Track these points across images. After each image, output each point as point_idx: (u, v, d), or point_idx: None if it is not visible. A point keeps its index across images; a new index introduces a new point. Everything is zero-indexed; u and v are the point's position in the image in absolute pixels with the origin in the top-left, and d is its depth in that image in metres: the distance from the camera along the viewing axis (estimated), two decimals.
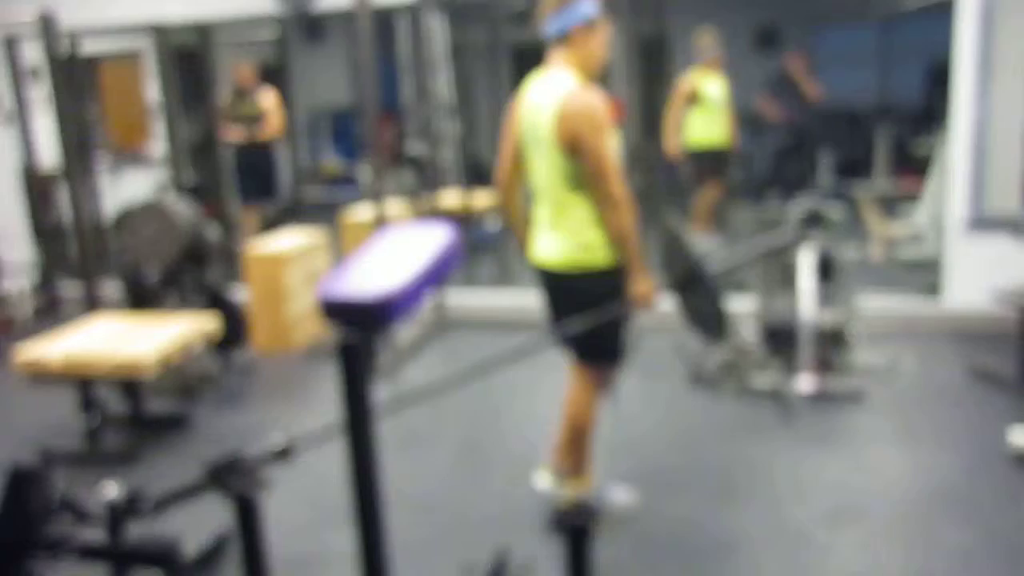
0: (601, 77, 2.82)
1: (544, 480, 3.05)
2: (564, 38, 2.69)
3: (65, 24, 5.38)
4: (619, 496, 3.06)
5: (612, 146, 2.63)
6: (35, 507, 2.41)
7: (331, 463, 2.36)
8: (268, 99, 6.84)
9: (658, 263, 3.04)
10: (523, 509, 3.08)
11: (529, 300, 3.70)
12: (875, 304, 4.76)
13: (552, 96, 2.64)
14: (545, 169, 2.71)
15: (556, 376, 3.10)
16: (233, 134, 6.85)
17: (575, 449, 2.94)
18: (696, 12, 7.54)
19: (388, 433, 2.09)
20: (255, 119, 6.77)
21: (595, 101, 2.61)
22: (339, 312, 1.75)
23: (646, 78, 7.52)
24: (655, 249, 2.93)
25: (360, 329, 1.74)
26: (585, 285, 2.73)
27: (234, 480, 2.02)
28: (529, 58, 9.89)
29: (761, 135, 8.24)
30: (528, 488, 3.15)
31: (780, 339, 4.10)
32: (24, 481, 2.23)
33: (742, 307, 4.35)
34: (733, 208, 7.55)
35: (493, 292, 5.71)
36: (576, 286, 2.75)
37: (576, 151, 2.61)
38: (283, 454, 1.93)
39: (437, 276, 1.92)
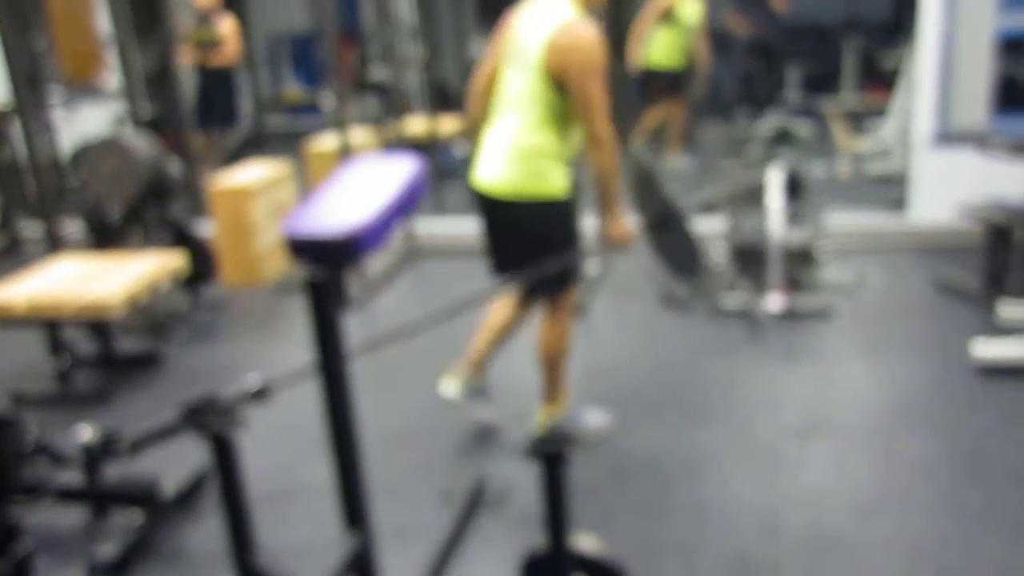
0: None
1: (450, 387, 3.06)
2: None
3: None
4: (593, 418, 3.11)
5: (602, 84, 2.57)
6: (9, 452, 2.40)
7: (306, 398, 2.36)
8: (227, 24, 6.66)
9: (630, 200, 3.02)
10: (500, 436, 3.12)
11: None
12: (842, 221, 4.79)
13: (548, 22, 2.57)
14: (520, 92, 2.65)
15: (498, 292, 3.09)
16: (190, 58, 6.70)
17: (550, 375, 2.97)
18: None
19: (360, 368, 2.09)
20: (213, 44, 6.60)
21: (592, 37, 2.55)
22: (306, 249, 1.73)
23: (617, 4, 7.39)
24: (625, 179, 2.91)
25: (328, 265, 1.73)
26: (530, 213, 2.71)
27: (210, 420, 2.02)
28: None
29: (729, 52, 8.15)
30: (504, 415, 3.19)
31: (749, 259, 4.13)
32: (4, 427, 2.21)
33: (711, 227, 4.36)
34: (701, 126, 7.52)
35: (462, 219, 5.67)
36: (520, 213, 2.72)
37: (563, 84, 2.56)
38: (259, 395, 1.92)
39: (404, 209, 1.90)
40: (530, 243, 2.71)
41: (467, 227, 5.45)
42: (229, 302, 4.69)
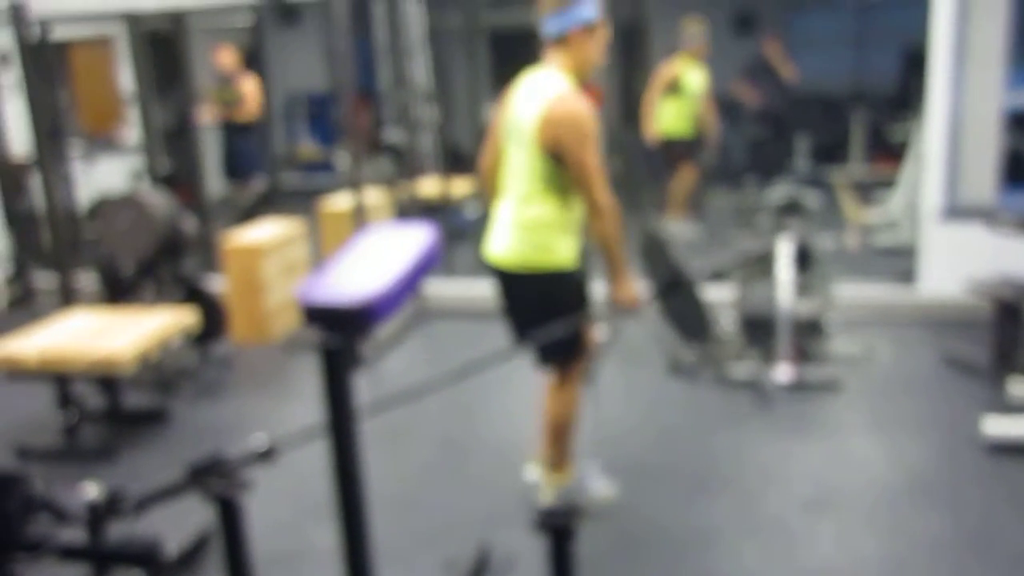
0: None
1: (533, 472, 3.07)
2: (562, 39, 2.66)
3: (35, 11, 5.30)
4: (599, 487, 3.09)
5: (596, 153, 2.62)
6: (14, 508, 2.39)
7: (312, 459, 2.36)
8: (248, 84, 6.84)
9: (639, 265, 3.06)
10: (505, 504, 3.10)
11: None
12: (851, 292, 4.80)
13: (540, 96, 2.63)
14: (520, 166, 2.71)
15: (532, 368, 3.10)
16: (213, 116, 6.96)
17: (557, 444, 2.96)
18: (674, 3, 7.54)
19: (367, 428, 2.09)
20: (235, 102, 6.80)
21: (582, 108, 2.59)
22: (321, 316, 1.75)
23: (625, 64, 7.53)
24: (635, 246, 2.95)
25: (342, 333, 1.74)
26: (538, 284, 2.74)
27: (216, 481, 2.02)
28: (506, 43, 9.85)
29: (738, 120, 8.27)
30: (509, 482, 3.17)
31: (758, 328, 4.14)
32: (3, 484, 2.21)
33: (720, 296, 4.38)
34: (710, 194, 7.59)
35: (472, 281, 5.70)
36: (529, 285, 2.74)
37: (559, 157, 2.61)
38: (265, 455, 1.92)
39: (417, 277, 1.93)
40: (540, 313, 2.73)
41: (476, 289, 5.50)
42: (238, 359, 4.70)
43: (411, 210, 6.25)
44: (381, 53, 8.01)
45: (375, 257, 1.87)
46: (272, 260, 4.94)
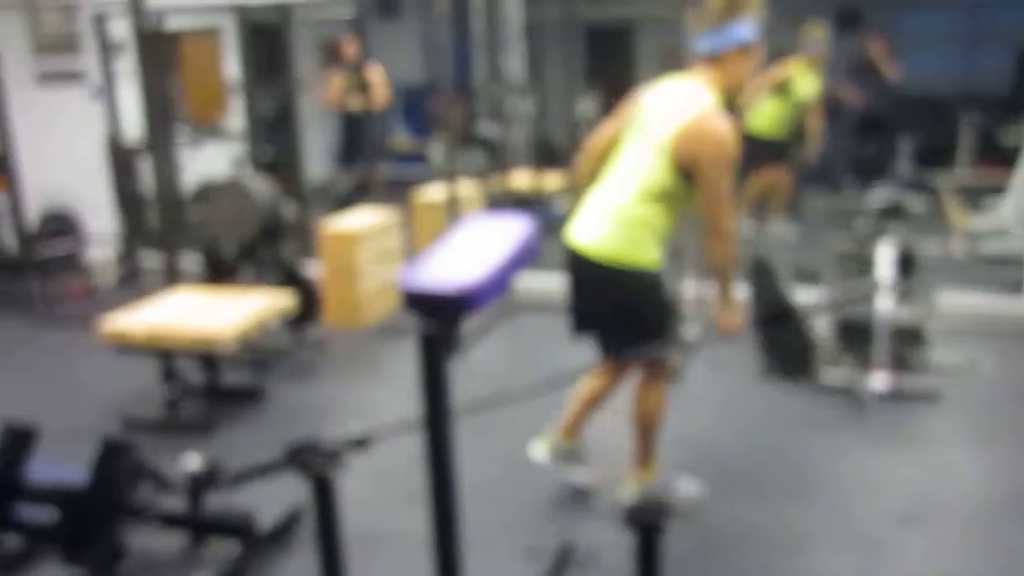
0: (678, 56, 2.78)
1: (540, 451, 3.07)
2: (715, 57, 2.64)
3: (152, 2, 5.52)
4: (685, 488, 3.06)
5: (730, 177, 2.58)
6: (123, 475, 2.51)
7: (403, 442, 2.41)
8: (375, 73, 7.07)
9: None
10: (588, 497, 3.10)
11: None
12: (955, 301, 4.62)
13: (683, 106, 2.60)
14: (637, 165, 2.67)
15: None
16: (338, 102, 7.29)
17: (643, 440, 2.95)
18: None
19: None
20: (364, 89, 7.02)
21: (726, 131, 2.56)
22: (421, 302, 1.78)
23: None
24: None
25: (441, 320, 1.77)
26: (623, 279, 2.71)
27: (312, 461, 2.08)
28: (601, 37, 9.78)
29: (839, 120, 8.04)
30: (595, 477, 3.17)
31: (855, 334, 4.02)
32: (114, 452, 2.32)
33: (815, 299, 4.27)
34: (807, 195, 7.40)
35: (559, 275, 5.70)
36: (614, 277, 2.72)
37: (688, 171, 2.58)
38: (361, 443, 1.97)
39: (516, 267, 1.94)
40: (619, 308, 2.73)
41: (564, 283, 5.50)
42: (330, 342, 4.81)
43: (502, 202, 6.29)
44: (477, 47, 8.07)
45: (475, 246, 1.89)
46: (366, 247, 5.04)
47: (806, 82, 6.33)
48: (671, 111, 2.62)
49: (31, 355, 4.98)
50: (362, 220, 5.19)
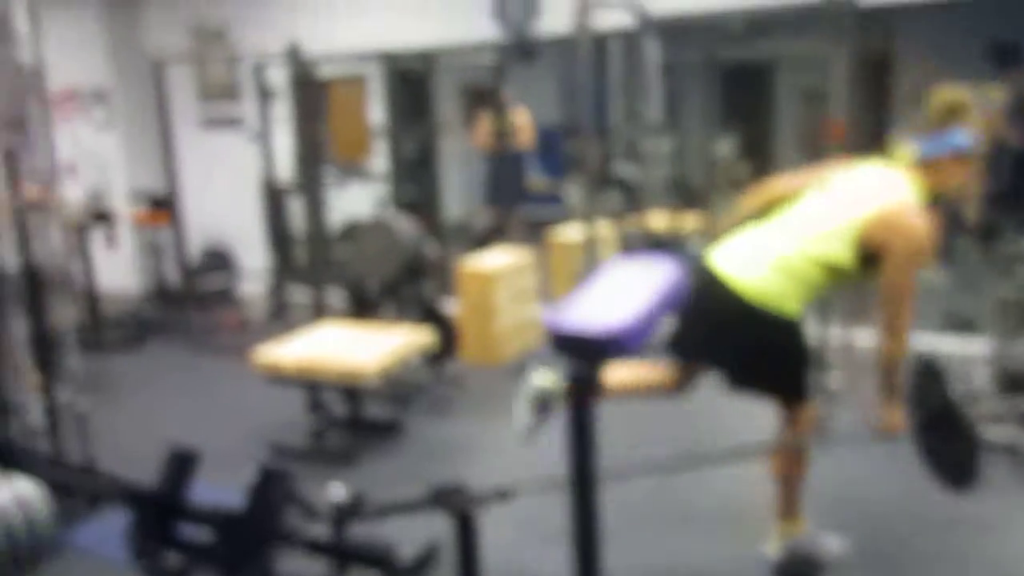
0: (820, 96, 2.73)
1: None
2: (927, 163, 2.61)
3: (306, 51, 5.85)
4: (831, 545, 2.93)
5: (915, 276, 2.51)
6: (275, 501, 2.62)
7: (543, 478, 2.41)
8: (521, 115, 7.31)
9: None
10: (728, 551, 3.01)
11: None
12: None
13: (884, 192, 2.57)
14: (817, 230, 2.62)
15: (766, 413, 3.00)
16: (485, 144, 7.45)
17: (786, 491, 2.85)
18: (926, 29, 7.10)
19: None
20: (510, 132, 7.26)
21: (924, 230, 2.50)
22: (569, 344, 1.80)
23: (868, 98, 7.16)
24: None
25: (589, 362, 1.78)
26: (764, 319, 2.63)
27: (455, 501, 2.12)
28: (742, 76, 9.61)
29: (996, 161, 7.61)
30: (732, 528, 3.08)
31: (1017, 388, 3.76)
32: (271, 479, 2.43)
33: (974, 349, 4.03)
34: (961, 240, 7.01)
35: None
36: (754, 316, 2.64)
37: (872, 257, 2.54)
38: (503, 495, 2.00)
39: (663, 312, 1.93)
40: (757, 349, 2.66)
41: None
42: (467, 379, 4.90)
43: (638, 243, 6.26)
44: (613, 87, 8.12)
45: (623, 289, 1.89)
46: (503, 286, 5.12)
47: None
48: (870, 193, 2.59)
49: (190, 382, 5.30)
50: (499, 259, 5.29)
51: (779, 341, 2.67)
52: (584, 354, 1.78)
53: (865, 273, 2.59)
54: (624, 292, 1.89)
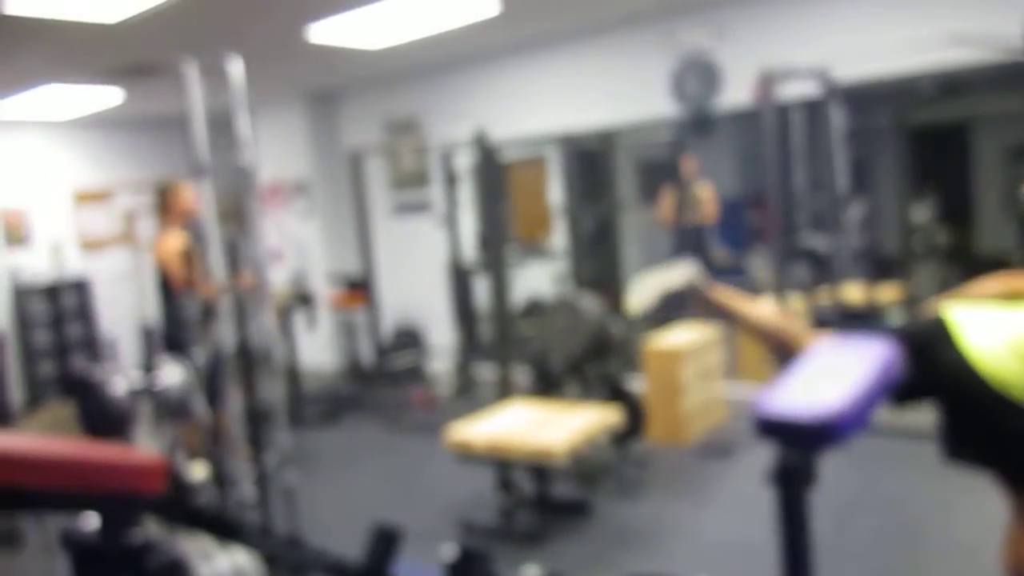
0: None
1: None
2: None
3: (491, 137, 6.10)
4: None
5: None
6: None
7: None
8: (706, 190, 7.43)
9: None
10: None
11: None
12: None
13: None
14: None
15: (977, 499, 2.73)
16: (671, 217, 7.51)
17: None
18: None
19: None
20: (694, 206, 7.29)
21: None
22: (778, 430, 1.72)
23: None
24: None
25: (800, 449, 1.69)
26: (997, 404, 2.38)
27: None
28: (934, 139, 9.13)
29: None
30: None
31: None
32: (471, 559, 2.46)
33: None
34: None
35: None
36: (989, 399, 2.39)
37: None
38: None
39: (879, 395, 1.81)
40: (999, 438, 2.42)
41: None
42: (654, 459, 4.79)
43: (832, 317, 5.98)
44: (796, 155, 7.91)
45: (836, 372, 1.80)
46: (690, 363, 5.01)
47: None
48: None
49: (383, 457, 5.49)
50: (685, 336, 5.19)
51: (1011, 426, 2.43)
52: (796, 441, 1.69)
53: None
54: (837, 373, 1.80)
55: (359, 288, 7.05)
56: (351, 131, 8.16)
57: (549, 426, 3.94)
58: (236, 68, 3.53)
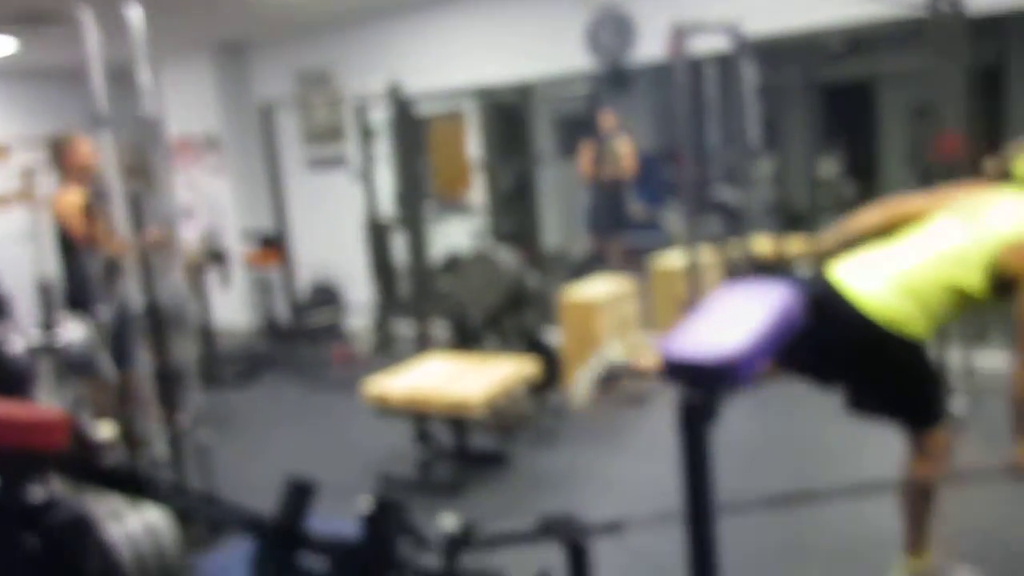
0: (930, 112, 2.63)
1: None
2: None
3: (406, 91, 6.01)
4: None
5: None
6: (388, 532, 2.66)
7: (652, 508, 2.37)
8: (624, 144, 7.43)
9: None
10: None
11: None
12: None
13: (1018, 218, 2.49)
14: (947, 254, 2.53)
15: (882, 440, 2.88)
16: (589, 172, 7.53)
17: (913, 523, 2.72)
18: None
19: None
20: (613, 160, 7.31)
21: None
22: (682, 372, 1.77)
23: (981, 111, 6.87)
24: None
25: (703, 390, 1.75)
26: (894, 344, 2.52)
27: (568, 531, 2.10)
28: (842, 96, 9.39)
29: None
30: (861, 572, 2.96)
31: None
32: (386, 510, 2.47)
33: None
34: None
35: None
36: (882, 341, 2.53)
37: (1004, 285, 2.45)
38: (613, 528, 1.98)
39: (780, 339, 1.88)
40: (888, 372, 2.56)
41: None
42: (571, 409, 4.88)
43: (743, 269, 6.14)
44: (710, 111, 8.04)
45: (738, 315, 1.86)
46: (605, 315, 5.09)
47: None
48: (1008, 217, 2.49)
49: (301, 414, 5.45)
50: (601, 289, 5.27)
51: (910, 362, 2.57)
52: (698, 382, 1.74)
53: (996, 301, 2.47)
54: (738, 318, 1.85)
55: (273, 245, 6.92)
56: (262, 84, 7.93)
57: (466, 378, 3.97)
58: (136, 16, 3.38)
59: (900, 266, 2.57)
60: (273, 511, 2.61)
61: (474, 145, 7.63)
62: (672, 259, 5.91)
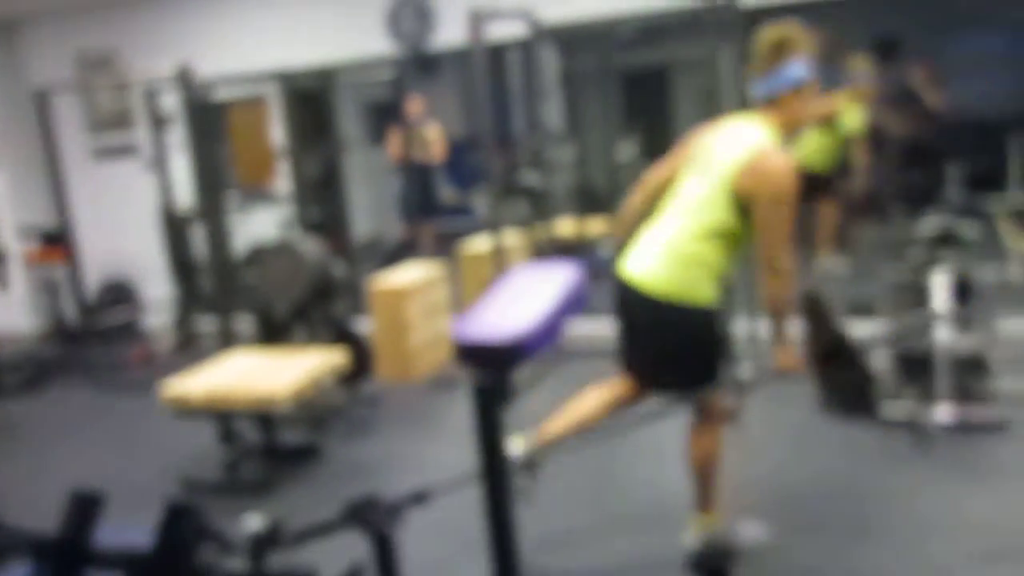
0: (714, 95, 2.79)
1: (516, 446, 2.94)
2: (772, 101, 2.65)
3: (199, 74, 5.72)
4: (749, 532, 3.00)
5: (788, 215, 2.57)
6: (185, 537, 2.54)
7: (463, 495, 2.40)
8: (433, 130, 7.49)
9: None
10: (651, 545, 3.05)
11: None
12: (1018, 327, 4.50)
13: (743, 144, 2.61)
14: (696, 202, 2.67)
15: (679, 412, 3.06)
16: (399, 156, 7.54)
17: (703, 484, 2.90)
18: (807, 23, 7.36)
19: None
20: (422, 146, 7.28)
21: (786, 167, 2.56)
22: (473, 354, 1.80)
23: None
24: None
25: (494, 369, 1.78)
26: (675, 315, 2.67)
27: (372, 518, 2.09)
28: (638, 82, 9.79)
29: (884, 150, 7.96)
30: (654, 522, 3.12)
31: (914, 366, 3.93)
32: (178, 515, 2.35)
33: (871, 332, 4.19)
34: (857, 228, 7.31)
35: (607, 320, 5.68)
36: (666, 314, 2.68)
37: (747, 207, 2.58)
38: (419, 499, 1.98)
39: (567, 314, 1.95)
40: (669, 344, 2.70)
41: (612, 328, 5.47)
42: (384, 397, 4.85)
43: (547, 251, 6.32)
44: (515, 98, 8.20)
45: (525, 296, 1.90)
46: (415, 302, 5.09)
47: (852, 115, 6.31)
48: (731, 149, 2.62)
49: (95, 422, 5.10)
50: (410, 275, 5.25)
51: (688, 331, 2.70)
52: (489, 363, 1.78)
53: (751, 229, 2.62)
54: (526, 299, 1.90)
55: (57, 242, 6.40)
56: (37, 66, 7.30)
57: (271, 373, 3.85)
58: None
59: (664, 237, 2.72)
60: (56, 529, 2.43)
61: (278, 132, 7.38)
62: (480, 243, 5.98)
